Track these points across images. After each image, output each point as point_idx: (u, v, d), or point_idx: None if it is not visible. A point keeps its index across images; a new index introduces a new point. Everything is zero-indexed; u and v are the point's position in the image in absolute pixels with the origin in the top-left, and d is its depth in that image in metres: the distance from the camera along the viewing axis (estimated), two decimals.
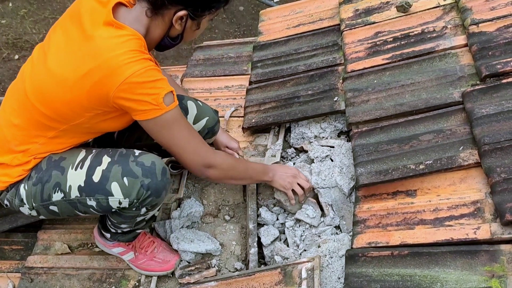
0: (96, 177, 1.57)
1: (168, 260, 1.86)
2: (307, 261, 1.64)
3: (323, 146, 2.02)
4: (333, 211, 1.85)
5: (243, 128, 2.20)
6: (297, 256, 1.77)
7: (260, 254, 1.86)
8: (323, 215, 1.87)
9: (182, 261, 1.88)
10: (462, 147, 1.65)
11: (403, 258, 1.48)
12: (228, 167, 1.74)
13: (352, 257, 1.55)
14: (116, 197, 1.57)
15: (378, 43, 2.17)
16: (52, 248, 2.01)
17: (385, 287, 1.43)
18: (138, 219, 1.71)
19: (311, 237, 1.81)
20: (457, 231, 1.48)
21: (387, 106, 1.90)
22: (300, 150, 2.11)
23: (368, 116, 1.90)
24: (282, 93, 2.22)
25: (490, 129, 1.60)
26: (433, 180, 1.65)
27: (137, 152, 1.61)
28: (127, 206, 1.59)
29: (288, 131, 2.17)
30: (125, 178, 1.55)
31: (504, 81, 1.73)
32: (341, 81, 2.13)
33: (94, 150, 1.65)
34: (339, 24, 2.40)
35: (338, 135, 2.07)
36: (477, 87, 1.75)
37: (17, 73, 1.68)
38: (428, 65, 1.96)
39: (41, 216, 1.72)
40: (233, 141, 2.08)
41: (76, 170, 1.59)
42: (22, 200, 1.65)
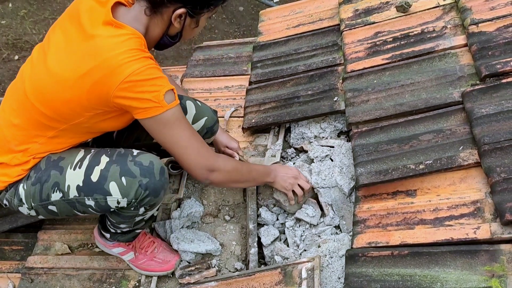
0: (95, 176, 1.57)
1: (168, 260, 1.86)
2: (307, 261, 1.64)
3: (323, 146, 2.02)
4: (333, 211, 1.85)
5: (243, 128, 2.20)
6: (297, 256, 1.77)
7: (260, 254, 1.86)
8: (323, 215, 1.87)
9: (182, 261, 1.88)
10: (462, 147, 1.65)
11: (403, 258, 1.48)
12: (231, 169, 1.72)
13: (352, 257, 1.55)
14: (115, 196, 1.56)
15: (378, 43, 2.17)
16: (52, 249, 2.01)
17: (385, 287, 1.43)
18: (137, 219, 1.70)
19: (311, 237, 1.81)
20: (457, 231, 1.48)
21: (387, 106, 1.90)
22: (300, 150, 2.11)
23: (368, 116, 1.90)
24: (282, 93, 2.22)
25: (490, 129, 1.60)
26: (433, 180, 1.64)
27: (135, 152, 1.61)
28: (125, 205, 1.59)
29: (288, 131, 2.17)
30: (123, 178, 1.55)
31: (503, 81, 1.73)
32: (341, 81, 2.12)
33: (92, 150, 1.65)
34: (339, 24, 2.40)
35: (338, 135, 2.07)
36: (477, 87, 1.75)
37: (17, 73, 1.68)
38: (428, 65, 1.96)
39: (40, 216, 1.72)
40: (233, 141, 2.08)
41: (74, 170, 1.59)
42: (21, 199, 1.65)
